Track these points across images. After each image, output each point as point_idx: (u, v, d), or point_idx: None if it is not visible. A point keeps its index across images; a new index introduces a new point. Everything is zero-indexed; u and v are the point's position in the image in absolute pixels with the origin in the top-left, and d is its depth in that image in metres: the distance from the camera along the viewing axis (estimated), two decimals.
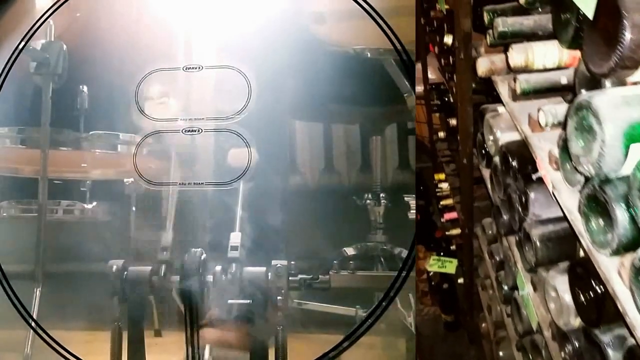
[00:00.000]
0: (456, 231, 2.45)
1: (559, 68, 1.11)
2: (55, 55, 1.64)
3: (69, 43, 1.67)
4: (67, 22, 1.70)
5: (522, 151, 1.28)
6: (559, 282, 1.19)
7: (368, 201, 1.61)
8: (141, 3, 1.67)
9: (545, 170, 1.06)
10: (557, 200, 1.03)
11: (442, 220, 2.58)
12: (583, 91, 0.96)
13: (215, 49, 1.56)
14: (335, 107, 1.69)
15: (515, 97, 1.20)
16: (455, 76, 1.79)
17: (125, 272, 1.42)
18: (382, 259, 1.58)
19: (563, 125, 0.94)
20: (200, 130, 1.53)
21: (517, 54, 1.06)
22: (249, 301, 1.39)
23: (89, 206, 1.69)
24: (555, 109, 1.02)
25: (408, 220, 1.58)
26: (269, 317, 1.40)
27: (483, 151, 1.55)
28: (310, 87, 1.53)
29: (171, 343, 1.55)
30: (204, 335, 1.41)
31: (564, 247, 1.26)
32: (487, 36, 1.29)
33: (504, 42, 1.15)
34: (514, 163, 1.33)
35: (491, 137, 1.45)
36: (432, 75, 2.82)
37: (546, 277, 1.25)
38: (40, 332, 1.52)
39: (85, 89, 1.68)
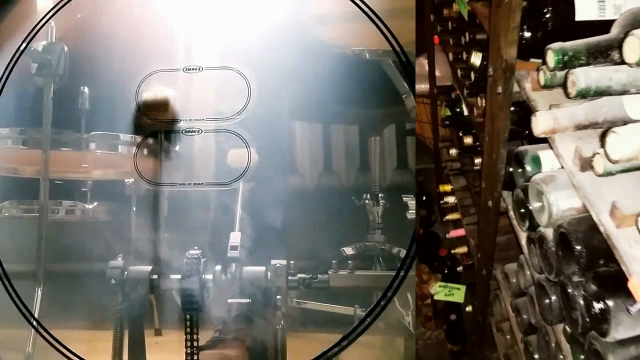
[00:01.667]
0: (463, 249, 2.16)
1: None
2: (57, 57, 1.65)
3: (70, 44, 1.68)
4: (69, 23, 1.71)
5: (594, 241, 0.92)
6: None
7: (367, 201, 1.62)
8: (142, 5, 1.68)
9: None
10: None
11: (446, 235, 2.37)
12: None
13: (215, 50, 1.57)
14: (334, 108, 1.70)
15: (585, 168, 0.89)
16: (479, 101, 1.49)
17: (126, 272, 1.44)
18: (380, 259, 1.59)
19: None
20: (201, 131, 1.54)
21: (625, 144, 0.74)
22: (248, 300, 1.40)
23: (90, 206, 1.70)
24: None
25: (407, 220, 1.58)
26: (268, 316, 1.41)
27: (522, 210, 1.20)
28: (309, 88, 1.54)
29: (171, 342, 1.56)
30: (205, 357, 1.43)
31: None
32: (541, 73, 1.03)
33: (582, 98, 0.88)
34: (581, 254, 0.95)
35: (539, 204, 1.11)
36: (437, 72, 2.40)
37: None
38: (41, 331, 1.53)
39: (86, 89, 1.68)
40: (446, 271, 2.57)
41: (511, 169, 1.24)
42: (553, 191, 1.04)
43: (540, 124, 0.95)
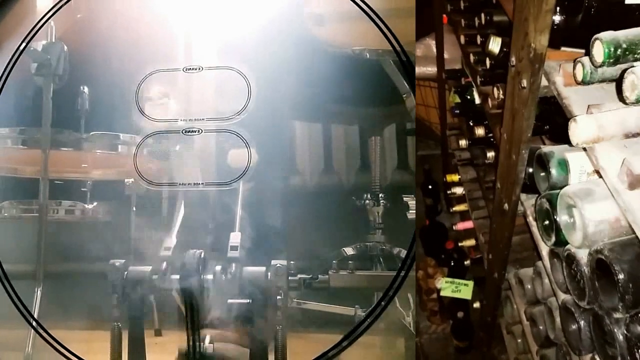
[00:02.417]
0: (471, 242, 2.09)
1: None
2: (56, 56, 1.65)
3: (69, 44, 1.68)
4: (68, 23, 1.71)
5: None
6: None
7: (367, 201, 1.62)
8: (142, 4, 1.68)
9: None
10: None
11: (453, 226, 2.30)
12: None
13: (215, 50, 1.57)
14: (334, 107, 1.70)
15: (635, 186, 0.74)
16: (495, 91, 1.33)
17: (126, 272, 1.43)
18: (381, 259, 1.59)
19: None
20: (200, 131, 1.54)
21: None
22: (248, 301, 1.40)
23: (90, 206, 1.70)
24: None
25: (407, 220, 1.58)
26: (269, 317, 1.41)
27: (547, 221, 1.04)
28: (310, 88, 1.54)
29: (171, 342, 1.56)
30: (205, 332, 1.42)
31: None
32: (579, 66, 0.85)
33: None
34: (626, 289, 0.79)
35: (569, 219, 0.96)
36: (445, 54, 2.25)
37: None
38: (41, 331, 1.52)
39: (86, 89, 1.68)
40: (453, 264, 2.50)
41: (531, 170, 1.10)
42: (589, 207, 0.86)
43: (581, 132, 0.77)
